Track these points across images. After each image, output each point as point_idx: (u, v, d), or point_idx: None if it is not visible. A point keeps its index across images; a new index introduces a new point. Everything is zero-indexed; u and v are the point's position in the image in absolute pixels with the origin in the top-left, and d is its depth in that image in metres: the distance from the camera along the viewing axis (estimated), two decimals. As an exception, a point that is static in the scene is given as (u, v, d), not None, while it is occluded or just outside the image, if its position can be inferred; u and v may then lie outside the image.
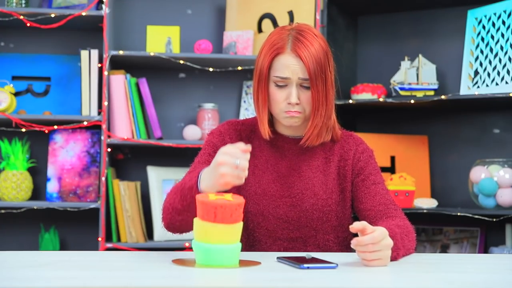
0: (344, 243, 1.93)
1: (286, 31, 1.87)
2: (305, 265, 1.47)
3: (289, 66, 1.83)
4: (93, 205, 3.02)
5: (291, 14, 3.20)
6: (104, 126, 3.03)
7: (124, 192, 3.04)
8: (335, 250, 1.92)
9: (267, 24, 3.24)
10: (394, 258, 1.64)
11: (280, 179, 1.92)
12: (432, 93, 3.04)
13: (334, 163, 1.94)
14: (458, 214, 2.85)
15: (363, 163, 1.94)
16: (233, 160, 1.58)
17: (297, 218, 1.90)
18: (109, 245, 2.99)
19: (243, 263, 1.55)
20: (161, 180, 3.17)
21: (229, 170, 1.58)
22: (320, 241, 1.91)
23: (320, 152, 1.95)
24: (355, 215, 1.99)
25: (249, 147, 1.60)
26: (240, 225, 1.53)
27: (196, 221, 1.52)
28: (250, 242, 1.93)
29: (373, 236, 1.52)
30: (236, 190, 1.92)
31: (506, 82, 2.85)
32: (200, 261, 1.52)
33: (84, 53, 3.09)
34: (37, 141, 3.25)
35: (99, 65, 3.08)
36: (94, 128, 3.19)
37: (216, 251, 1.49)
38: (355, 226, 1.53)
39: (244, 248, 1.92)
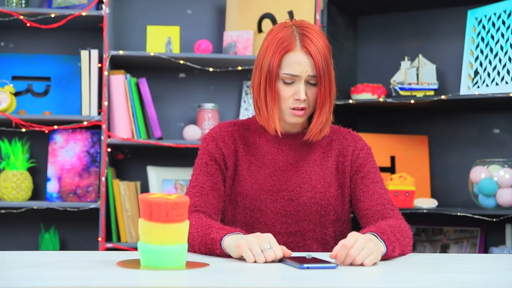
0: (340, 237, 1.93)
1: (289, 28, 1.88)
2: (305, 265, 1.47)
3: (300, 63, 1.85)
4: (93, 205, 3.02)
5: (291, 14, 3.20)
6: (104, 126, 3.03)
7: (124, 192, 3.04)
8: (333, 244, 1.92)
9: (267, 24, 3.24)
10: (391, 252, 1.65)
11: (277, 174, 1.93)
12: (432, 93, 3.04)
13: (332, 157, 1.95)
14: (458, 214, 2.85)
15: (362, 160, 1.95)
16: (261, 247, 1.56)
17: (295, 212, 1.91)
18: (109, 245, 2.99)
19: (190, 264, 1.50)
20: (161, 180, 3.17)
21: (250, 257, 1.56)
22: (319, 235, 1.92)
23: (317, 146, 1.96)
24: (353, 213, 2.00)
25: (290, 253, 1.59)
26: (180, 226, 1.46)
27: (139, 220, 1.49)
28: None
29: (344, 244, 1.54)
30: (231, 187, 1.93)
31: (506, 82, 2.85)
32: (143, 262, 1.48)
33: (84, 53, 3.09)
34: (37, 141, 3.25)
35: (99, 65, 3.08)
36: (94, 128, 3.19)
37: (154, 252, 1.45)
38: (333, 254, 1.56)
39: None
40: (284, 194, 1.91)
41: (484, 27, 2.97)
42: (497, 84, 2.88)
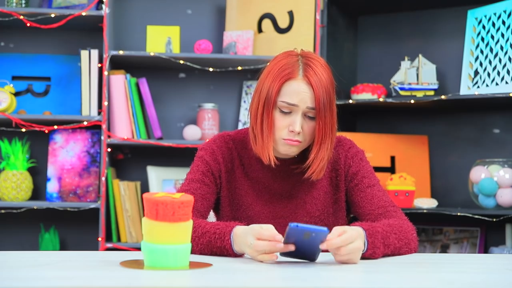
0: None
1: (294, 57, 1.82)
2: (295, 224, 1.47)
3: (299, 93, 1.78)
4: (93, 205, 3.02)
5: (291, 14, 3.20)
6: (104, 126, 3.03)
7: (124, 192, 3.04)
8: None
9: (267, 24, 3.24)
10: (371, 255, 1.64)
11: (273, 201, 1.91)
12: (432, 93, 3.04)
13: (325, 175, 1.92)
14: (458, 214, 2.85)
15: (354, 168, 1.91)
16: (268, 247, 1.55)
17: None
18: (109, 245, 2.99)
19: (193, 265, 1.50)
20: (161, 180, 3.17)
21: (263, 257, 1.56)
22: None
23: None
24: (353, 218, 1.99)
25: (280, 238, 1.56)
26: (185, 225, 1.46)
27: (143, 220, 1.49)
28: None
29: (344, 239, 1.53)
30: (232, 213, 1.93)
31: (506, 82, 2.85)
32: (147, 262, 1.48)
33: (84, 53, 3.09)
34: (37, 141, 3.25)
35: (99, 65, 3.09)
36: (94, 128, 3.19)
37: (159, 252, 1.44)
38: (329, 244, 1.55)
39: None
40: (280, 221, 1.90)
41: (484, 27, 2.97)
42: (497, 84, 2.88)
